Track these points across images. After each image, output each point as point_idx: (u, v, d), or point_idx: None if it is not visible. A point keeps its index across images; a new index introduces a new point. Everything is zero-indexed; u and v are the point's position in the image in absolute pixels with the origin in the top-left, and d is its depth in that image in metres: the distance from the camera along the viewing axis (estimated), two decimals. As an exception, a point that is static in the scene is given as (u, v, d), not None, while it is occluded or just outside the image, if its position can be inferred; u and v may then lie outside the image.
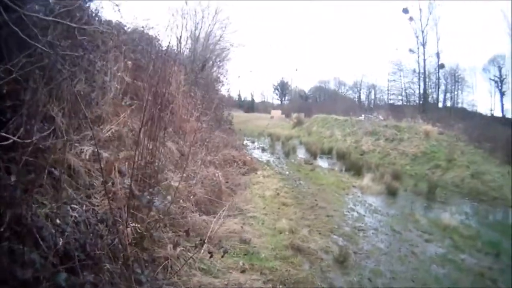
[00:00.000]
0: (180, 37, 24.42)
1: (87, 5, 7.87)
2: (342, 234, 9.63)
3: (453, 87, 46.83)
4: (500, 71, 42.02)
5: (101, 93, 7.61)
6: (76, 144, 5.95)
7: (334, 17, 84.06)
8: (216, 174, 10.43)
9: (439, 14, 45.83)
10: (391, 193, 14.87)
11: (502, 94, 41.89)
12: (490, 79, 43.13)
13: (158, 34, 12.81)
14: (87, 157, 5.89)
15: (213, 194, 9.39)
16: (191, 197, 8.15)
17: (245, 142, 25.05)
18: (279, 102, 69.80)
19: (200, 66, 22.60)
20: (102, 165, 5.74)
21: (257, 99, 71.45)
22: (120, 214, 5.16)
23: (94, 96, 7.26)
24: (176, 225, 6.81)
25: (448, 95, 47.35)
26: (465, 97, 46.68)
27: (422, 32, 46.16)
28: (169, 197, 6.14)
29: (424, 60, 46.50)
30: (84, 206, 5.02)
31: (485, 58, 55.39)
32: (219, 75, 26.27)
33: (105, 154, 6.38)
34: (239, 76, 74.67)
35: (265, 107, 64.21)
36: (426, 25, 45.98)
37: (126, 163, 6.46)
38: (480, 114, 40.80)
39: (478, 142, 23.18)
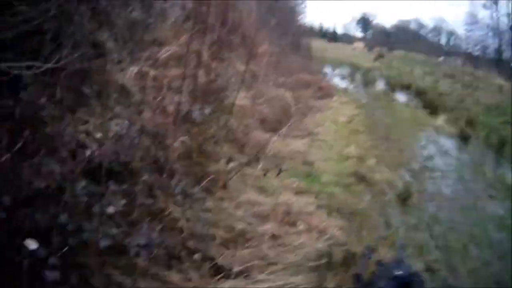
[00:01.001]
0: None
1: None
2: (409, 171, 9.05)
3: None
4: None
5: (160, 19, 7.33)
6: (130, 66, 5.73)
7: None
8: (286, 95, 10.10)
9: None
10: (463, 138, 13.66)
11: None
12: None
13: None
14: (140, 76, 5.67)
15: (282, 114, 9.11)
16: (257, 115, 7.95)
17: (325, 69, 24.70)
18: (361, 35, 68.29)
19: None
20: (155, 83, 5.69)
21: (340, 31, 70.06)
22: (170, 129, 5.00)
23: (152, 21, 6.99)
24: (236, 141, 6.58)
25: None
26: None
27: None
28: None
29: (498, 17, 43.01)
30: (131, 121, 4.79)
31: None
32: (297, 2, 25.12)
33: (160, 73, 6.15)
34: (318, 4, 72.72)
35: (348, 39, 63.02)
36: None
37: (184, 80, 6.23)
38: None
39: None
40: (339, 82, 22.64)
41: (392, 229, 6.11)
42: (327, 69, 26.60)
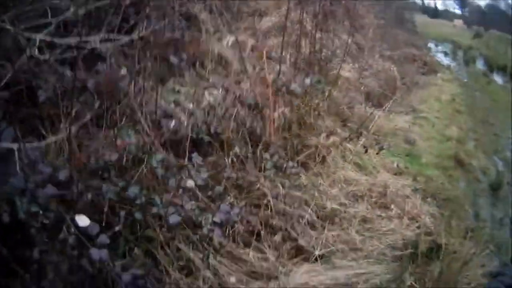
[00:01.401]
0: None
1: None
2: (504, 158, 8.70)
3: None
4: None
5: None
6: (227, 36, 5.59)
7: None
8: (392, 69, 9.66)
9: None
10: None
11: None
12: None
13: None
14: (239, 46, 5.39)
15: (387, 88, 8.66)
16: (362, 88, 7.59)
17: (429, 44, 23.68)
18: (460, 12, 66.20)
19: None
20: (255, 53, 5.56)
21: (441, 8, 68.35)
22: (269, 99, 4.71)
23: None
24: (339, 115, 6.25)
25: None
26: None
27: None
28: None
29: None
30: (227, 91, 4.64)
31: None
32: None
33: (260, 43, 5.97)
34: None
35: (448, 15, 61.16)
36: None
37: (286, 50, 5.81)
38: None
39: None
40: (442, 58, 21.92)
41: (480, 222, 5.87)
42: (431, 45, 25.48)
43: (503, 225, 5.97)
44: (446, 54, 24.30)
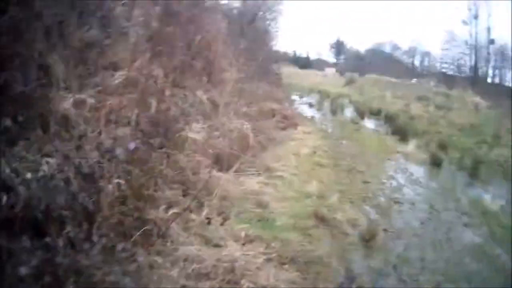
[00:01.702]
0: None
1: None
2: (375, 206, 8.72)
3: (502, 64, 44.21)
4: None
5: (119, 40, 7.04)
6: (76, 92, 5.45)
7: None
8: (245, 126, 9.48)
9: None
10: (435, 163, 13.42)
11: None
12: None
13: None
14: (84, 105, 5.34)
15: (239, 148, 8.62)
16: (211, 151, 7.40)
17: (293, 96, 24.61)
18: (334, 60, 68.58)
19: (250, 18, 21.27)
20: (99, 113, 5.39)
21: (313, 57, 70.31)
22: (106, 168, 4.49)
23: (109, 43, 6.75)
24: (184, 182, 6.03)
25: (497, 71, 45.15)
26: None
27: (475, 5, 43.01)
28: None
29: (476, 33, 43.81)
30: (66, 158, 4.36)
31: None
32: (269, 28, 25.17)
33: (107, 101, 5.76)
34: (293, 31, 72.77)
35: (320, 65, 63.19)
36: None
37: (131, 111, 5.82)
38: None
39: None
40: (306, 110, 22.58)
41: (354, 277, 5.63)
42: (297, 97, 26.76)
43: (384, 275, 5.90)
44: (311, 105, 25.12)
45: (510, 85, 41.01)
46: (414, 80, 39.30)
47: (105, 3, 6.62)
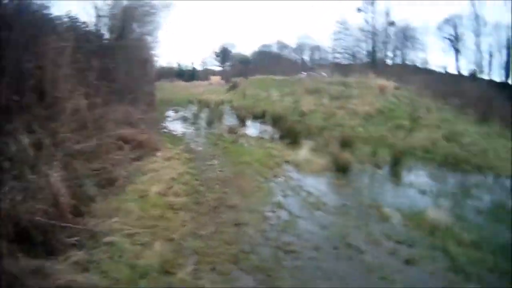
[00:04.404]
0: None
1: None
2: (254, 268, 5.86)
3: (402, 44, 46.97)
4: (455, 30, 42.30)
5: None
6: None
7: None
8: (52, 180, 6.83)
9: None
10: (341, 168, 10.81)
11: (457, 51, 42.09)
12: (445, 37, 43.12)
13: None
14: None
15: (45, 214, 6.17)
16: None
17: (168, 113, 23.14)
18: (220, 68, 67.75)
19: (116, 34, 19.51)
20: None
21: (200, 67, 69.40)
22: None
23: None
24: None
25: (398, 52, 47.51)
26: (416, 54, 46.72)
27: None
28: None
29: (373, 18, 45.90)
30: None
31: (439, 18, 54.28)
32: (143, 43, 23.03)
33: None
34: (177, 44, 71.66)
35: (207, 75, 62.55)
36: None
37: None
38: (433, 71, 40.73)
39: (444, 98, 21.01)
40: (178, 127, 19.85)
41: None
42: (172, 112, 24.73)
43: None
44: (184, 119, 22.59)
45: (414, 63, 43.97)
46: (302, 74, 37.39)
47: None
